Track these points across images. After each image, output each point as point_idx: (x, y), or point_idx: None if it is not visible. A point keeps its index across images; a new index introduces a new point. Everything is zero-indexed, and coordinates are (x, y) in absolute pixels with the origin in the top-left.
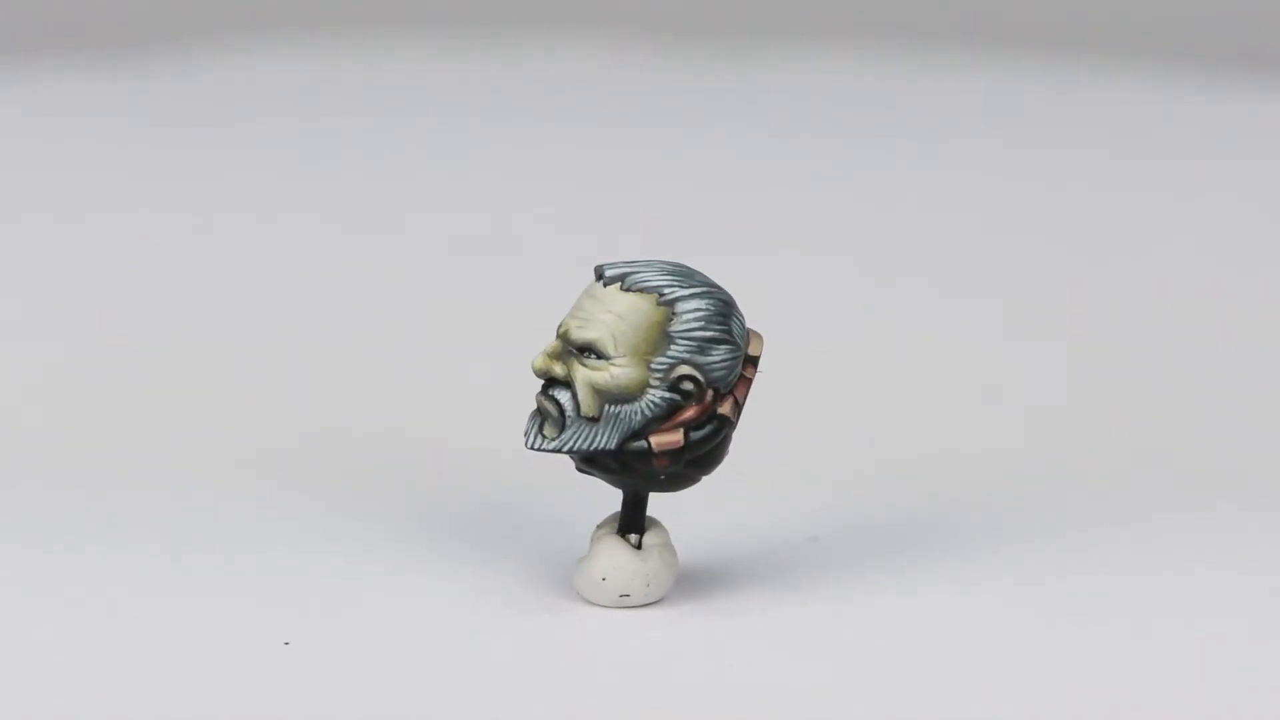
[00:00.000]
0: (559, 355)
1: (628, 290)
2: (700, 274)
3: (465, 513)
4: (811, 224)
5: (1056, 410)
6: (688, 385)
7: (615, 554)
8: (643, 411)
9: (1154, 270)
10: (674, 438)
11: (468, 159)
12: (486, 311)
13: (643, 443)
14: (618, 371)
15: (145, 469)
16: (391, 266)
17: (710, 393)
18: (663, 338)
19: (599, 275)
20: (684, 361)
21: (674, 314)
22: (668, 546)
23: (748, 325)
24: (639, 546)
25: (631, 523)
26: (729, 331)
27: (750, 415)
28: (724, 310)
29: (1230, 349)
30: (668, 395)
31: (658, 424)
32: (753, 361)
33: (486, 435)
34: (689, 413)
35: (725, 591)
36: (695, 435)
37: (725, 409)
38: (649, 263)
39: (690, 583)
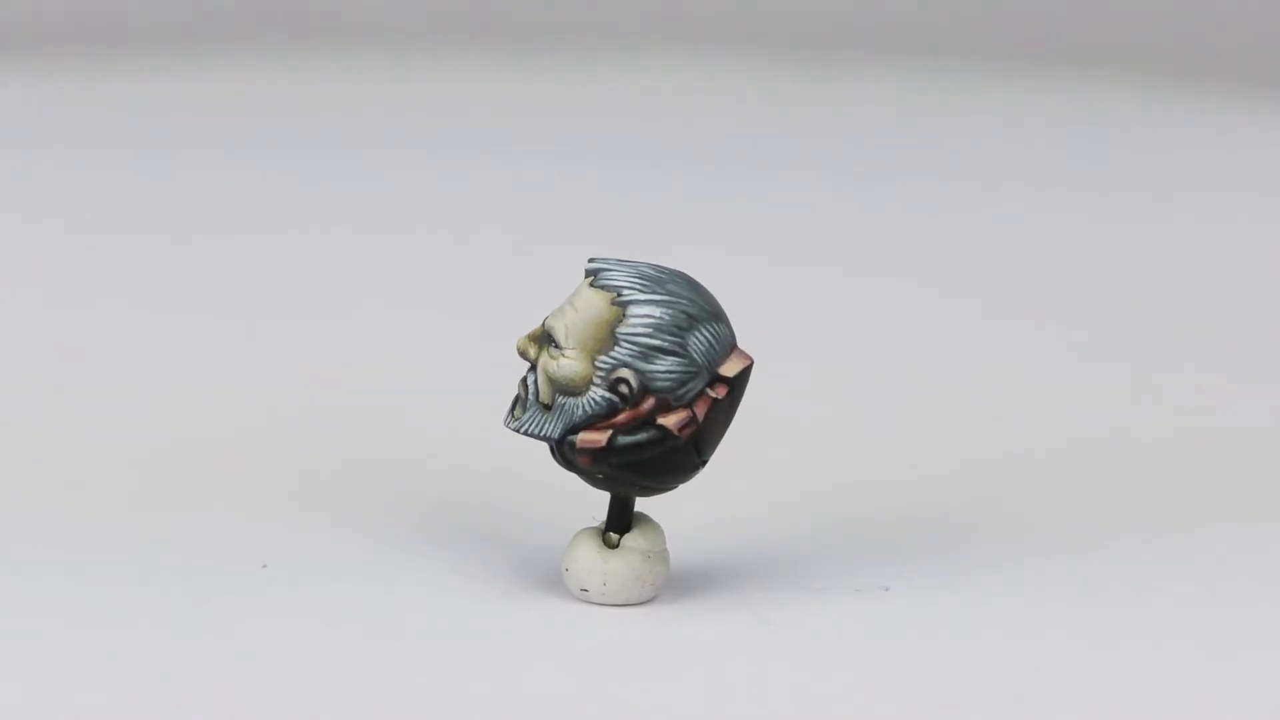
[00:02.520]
0: (537, 339)
1: (593, 286)
2: (680, 284)
3: (468, 505)
4: (809, 239)
5: (1054, 424)
6: (623, 389)
7: (580, 548)
8: (584, 407)
9: (1149, 285)
10: (596, 437)
11: (475, 165)
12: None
13: (573, 437)
14: (565, 363)
15: (136, 477)
16: (388, 268)
17: (650, 401)
18: (610, 338)
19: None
20: (625, 365)
21: (624, 316)
22: (641, 553)
23: (737, 346)
24: (616, 545)
25: (615, 521)
26: (682, 345)
27: (747, 419)
28: (682, 323)
29: (1233, 366)
30: (607, 395)
31: (596, 421)
32: (725, 382)
33: (489, 430)
34: (620, 416)
35: (718, 595)
36: (624, 440)
37: (669, 421)
38: (631, 263)
39: (688, 584)
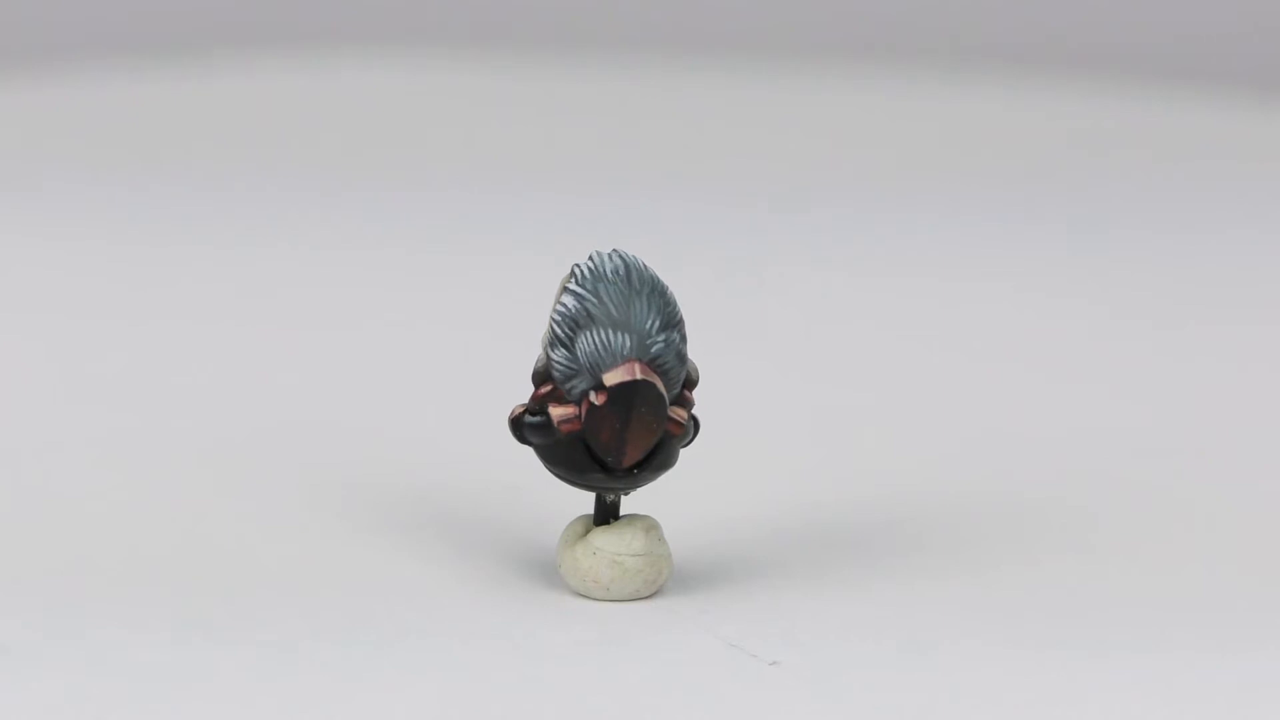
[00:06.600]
0: None
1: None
2: (615, 287)
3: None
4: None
5: (1048, 439)
6: (537, 366)
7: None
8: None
9: (1148, 295)
10: (515, 407)
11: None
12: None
13: None
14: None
15: (134, 482)
16: (385, 268)
17: (547, 386)
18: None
19: None
20: (544, 346)
21: (556, 302)
22: (591, 548)
23: (638, 362)
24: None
25: (595, 512)
26: (572, 341)
27: (750, 423)
28: (580, 320)
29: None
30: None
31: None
32: (604, 389)
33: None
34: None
35: (712, 593)
36: (527, 419)
37: (554, 412)
38: (615, 257)
39: (690, 582)
